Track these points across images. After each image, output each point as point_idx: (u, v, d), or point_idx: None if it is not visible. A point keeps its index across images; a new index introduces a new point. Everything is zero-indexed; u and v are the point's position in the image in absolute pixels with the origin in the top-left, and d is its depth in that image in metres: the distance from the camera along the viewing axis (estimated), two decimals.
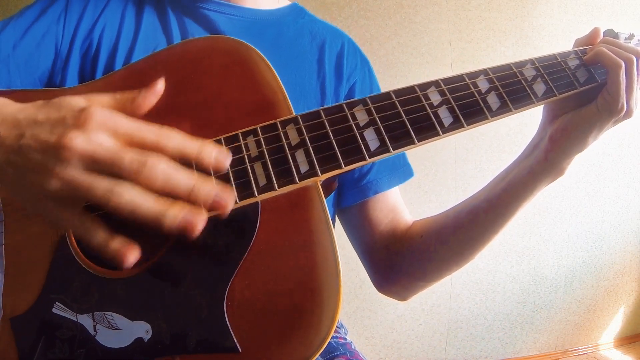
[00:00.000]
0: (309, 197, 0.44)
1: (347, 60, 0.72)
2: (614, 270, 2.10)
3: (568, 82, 0.53)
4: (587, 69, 0.54)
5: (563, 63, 0.54)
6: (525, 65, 0.52)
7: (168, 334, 0.43)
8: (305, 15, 0.75)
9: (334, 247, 0.43)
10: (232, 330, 0.42)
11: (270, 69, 0.49)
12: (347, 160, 0.44)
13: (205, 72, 0.50)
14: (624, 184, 2.04)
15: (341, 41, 0.74)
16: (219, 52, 0.51)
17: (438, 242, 0.65)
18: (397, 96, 0.47)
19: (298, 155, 0.44)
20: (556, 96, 0.51)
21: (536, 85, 0.51)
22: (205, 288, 0.43)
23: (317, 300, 0.42)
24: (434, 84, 0.48)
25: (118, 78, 0.52)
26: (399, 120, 0.46)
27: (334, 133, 0.45)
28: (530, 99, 0.50)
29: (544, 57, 0.54)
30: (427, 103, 0.47)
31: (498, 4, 1.87)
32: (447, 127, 0.47)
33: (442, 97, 0.48)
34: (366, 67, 0.76)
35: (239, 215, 0.43)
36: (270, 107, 0.48)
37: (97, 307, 0.44)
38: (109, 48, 0.60)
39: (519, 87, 0.50)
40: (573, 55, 0.55)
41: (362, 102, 0.47)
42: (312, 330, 0.41)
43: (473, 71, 0.50)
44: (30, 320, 0.45)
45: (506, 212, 0.59)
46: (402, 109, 0.47)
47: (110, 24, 0.62)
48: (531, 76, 0.51)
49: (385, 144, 0.45)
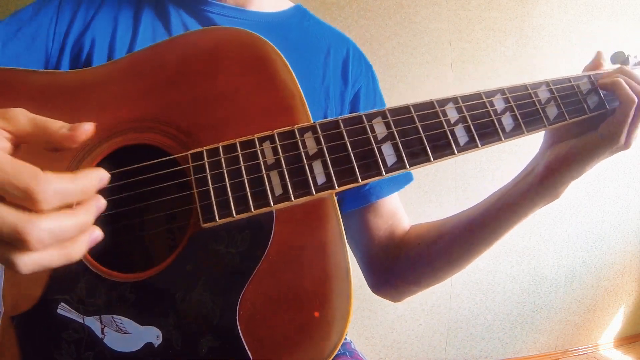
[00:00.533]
0: (324, 207, 0.44)
1: (353, 66, 0.72)
2: (614, 270, 2.10)
3: (579, 107, 0.53)
4: (599, 95, 0.54)
5: (576, 87, 0.53)
6: (540, 87, 0.52)
7: (179, 340, 0.42)
8: (310, 17, 0.75)
9: (346, 258, 0.43)
10: (244, 338, 0.42)
11: (288, 68, 0.48)
12: (364, 175, 0.44)
13: (221, 65, 0.48)
14: (624, 184, 2.04)
15: (346, 47, 0.74)
16: (236, 45, 0.49)
17: (434, 250, 0.66)
18: (416, 110, 0.47)
19: (315, 166, 0.44)
20: (566, 121, 0.51)
21: (549, 108, 0.51)
22: (218, 295, 0.43)
23: (328, 311, 0.42)
24: (452, 100, 0.48)
25: (126, 64, 0.51)
26: (416, 137, 0.46)
27: (352, 145, 0.45)
28: (542, 123, 0.50)
29: (559, 79, 0.53)
30: (444, 119, 0.47)
31: (498, 4, 1.86)
32: (462, 146, 0.47)
33: (459, 114, 0.48)
34: (370, 72, 0.76)
35: (253, 224, 0.43)
36: (287, 110, 0.47)
37: (105, 310, 0.43)
38: (103, 51, 0.60)
39: (533, 109, 0.50)
40: (586, 79, 0.55)
41: (381, 115, 0.46)
42: (323, 339, 0.42)
43: (490, 90, 0.50)
44: (33, 320, 0.44)
45: (500, 229, 0.60)
46: (420, 124, 0.46)
47: (103, 27, 0.61)
48: (545, 98, 0.51)
49: (402, 160, 0.45)
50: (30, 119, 0.34)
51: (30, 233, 0.29)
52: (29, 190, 0.29)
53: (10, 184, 0.29)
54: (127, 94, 0.48)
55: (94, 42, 0.60)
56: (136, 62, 0.50)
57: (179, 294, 0.43)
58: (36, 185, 0.29)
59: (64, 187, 0.31)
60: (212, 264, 0.43)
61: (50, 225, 0.30)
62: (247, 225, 0.43)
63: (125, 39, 0.61)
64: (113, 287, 0.43)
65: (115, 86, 0.49)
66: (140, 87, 0.49)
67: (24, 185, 0.29)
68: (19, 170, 0.29)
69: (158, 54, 0.50)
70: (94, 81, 0.50)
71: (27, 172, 0.29)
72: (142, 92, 0.48)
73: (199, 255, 0.43)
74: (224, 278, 0.43)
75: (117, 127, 0.47)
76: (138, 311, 0.43)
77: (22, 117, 0.34)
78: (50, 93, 0.49)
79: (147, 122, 0.47)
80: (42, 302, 0.44)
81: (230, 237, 0.43)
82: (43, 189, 0.29)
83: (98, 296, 0.44)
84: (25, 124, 0.34)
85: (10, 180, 0.29)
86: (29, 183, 0.29)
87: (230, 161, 0.44)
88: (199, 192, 0.43)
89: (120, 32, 0.61)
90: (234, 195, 0.42)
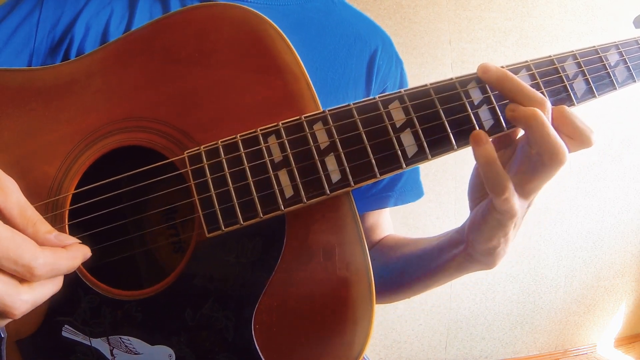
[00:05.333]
0: (339, 206, 0.40)
1: (381, 62, 0.65)
2: (614, 270, 2.10)
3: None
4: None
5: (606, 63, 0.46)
6: (567, 60, 0.44)
7: (193, 359, 0.40)
8: (337, 1, 0.67)
9: (367, 260, 0.39)
10: (262, 353, 0.39)
11: (290, 48, 0.42)
12: (383, 170, 0.39)
13: (212, 50, 0.43)
14: (624, 184, 2.04)
15: (377, 39, 0.66)
16: (227, 24, 0.43)
17: (379, 265, 0.62)
18: (437, 93, 0.41)
19: (328, 163, 0.39)
20: (595, 97, 0.45)
21: (577, 83, 0.44)
22: (231, 310, 0.39)
23: (349, 320, 0.39)
24: (474, 79, 0.42)
25: (109, 54, 0.46)
26: (438, 123, 0.40)
27: (368, 136, 0.39)
28: (570, 101, 0.44)
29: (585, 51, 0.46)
30: (467, 101, 0.41)
31: (498, 4, 1.87)
32: (487, 129, 0.41)
33: (483, 94, 0.41)
34: (399, 68, 0.70)
35: (263, 230, 0.39)
36: (291, 97, 0.41)
37: (112, 330, 0.40)
38: (96, 41, 0.55)
39: (560, 85, 0.43)
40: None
41: (398, 99, 0.40)
42: (346, 348, 0.39)
43: (515, 64, 0.43)
44: (38, 344, 0.41)
45: (442, 279, 0.55)
46: (441, 107, 0.40)
47: (96, 14, 0.56)
48: (572, 73, 0.44)
49: (424, 151, 0.39)
50: (21, 207, 0.34)
51: (14, 306, 0.31)
52: (30, 267, 0.31)
53: (10, 259, 0.31)
54: (112, 90, 0.44)
55: (87, 31, 0.55)
56: (119, 51, 0.45)
57: (189, 310, 0.40)
58: (36, 262, 0.31)
59: (57, 263, 0.33)
60: (222, 276, 0.40)
61: (34, 296, 0.33)
62: (257, 231, 0.39)
63: (121, 26, 0.56)
64: (118, 305, 0.41)
65: (98, 81, 0.44)
66: (125, 81, 0.44)
67: (26, 262, 0.31)
68: (20, 248, 0.31)
69: (141, 42, 0.45)
70: (75, 77, 0.45)
71: (28, 251, 0.31)
72: (128, 86, 0.44)
73: (206, 267, 0.40)
74: (235, 291, 0.39)
75: (103, 128, 0.43)
76: (147, 330, 0.40)
77: (14, 198, 0.34)
78: (29, 93, 0.45)
79: (136, 121, 0.43)
80: (44, 325, 0.41)
81: (240, 246, 0.40)
82: (41, 265, 0.32)
83: (103, 316, 0.41)
84: (13, 208, 0.34)
85: (11, 256, 0.31)
86: (30, 261, 0.31)
87: (232, 162, 0.39)
88: (201, 199, 0.39)
89: (114, 20, 0.56)
90: (240, 201, 0.38)
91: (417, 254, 0.58)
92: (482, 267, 0.47)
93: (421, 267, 0.56)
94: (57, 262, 0.33)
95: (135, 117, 0.43)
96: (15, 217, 0.34)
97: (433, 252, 0.54)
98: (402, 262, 0.61)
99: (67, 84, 0.45)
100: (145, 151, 0.43)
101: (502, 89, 0.40)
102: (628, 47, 0.46)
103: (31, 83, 0.46)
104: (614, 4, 1.95)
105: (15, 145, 0.44)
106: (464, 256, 0.48)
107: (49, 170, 0.43)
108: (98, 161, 0.43)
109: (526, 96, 0.39)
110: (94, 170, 0.43)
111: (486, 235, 0.43)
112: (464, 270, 0.51)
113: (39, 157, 0.44)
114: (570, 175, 1.96)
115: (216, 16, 0.43)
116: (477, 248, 0.45)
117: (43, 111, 0.45)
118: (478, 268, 0.48)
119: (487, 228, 0.42)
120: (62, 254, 0.34)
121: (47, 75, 0.46)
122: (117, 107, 0.44)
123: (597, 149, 1.98)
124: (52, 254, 0.33)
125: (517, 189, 0.39)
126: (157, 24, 0.45)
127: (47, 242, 0.34)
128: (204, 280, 0.40)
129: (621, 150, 2.01)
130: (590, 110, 2.15)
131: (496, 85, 0.40)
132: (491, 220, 0.41)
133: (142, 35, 0.45)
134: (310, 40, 0.61)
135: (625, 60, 0.46)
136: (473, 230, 0.44)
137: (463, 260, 0.48)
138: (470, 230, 0.45)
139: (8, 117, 0.45)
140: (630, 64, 0.46)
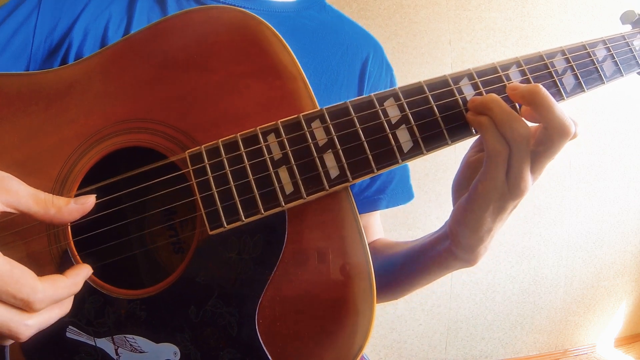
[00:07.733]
0: (339, 201, 0.41)
1: (372, 70, 0.67)
2: (614, 270, 2.10)
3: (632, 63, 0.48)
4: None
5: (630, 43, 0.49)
6: (556, 56, 0.46)
7: (198, 356, 0.40)
8: (330, 11, 0.70)
9: (367, 255, 0.40)
10: (266, 348, 0.40)
11: (287, 50, 0.43)
12: (380, 166, 0.41)
13: (211, 52, 0.44)
14: (624, 184, 2.04)
15: (369, 48, 0.69)
16: (225, 27, 0.44)
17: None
18: (430, 89, 0.42)
19: (327, 159, 0.40)
20: (584, 92, 0.46)
21: (566, 78, 0.46)
22: (234, 306, 0.40)
23: (351, 312, 0.40)
24: (467, 76, 0.43)
25: (108, 57, 0.47)
26: (432, 119, 0.42)
27: (364, 133, 0.41)
28: (560, 96, 0.45)
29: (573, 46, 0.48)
30: (460, 97, 0.42)
31: (498, 4, 1.87)
32: None
33: (475, 90, 0.43)
34: (389, 75, 0.72)
35: (264, 227, 0.40)
36: (289, 96, 0.42)
37: (116, 330, 0.41)
38: (95, 45, 0.55)
39: (549, 81, 0.45)
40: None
41: (393, 96, 0.42)
42: (348, 341, 0.40)
43: (506, 60, 0.45)
44: (42, 345, 0.41)
45: (428, 278, 0.55)
46: (435, 104, 0.42)
47: (94, 19, 0.56)
48: (562, 68, 0.46)
49: (419, 147, 0.41)
50: (33, 196, 0.36)
51: (19, 332, 0.33)
52: (28, 302, 0.32)
53: (9, 294, 0.31)
54: (113, 92, 0.45)
55: (86, 36, 0.55)
56: (119, 55, 0.46)
57: (193, 307, 0.41)
58: (34, 297, 0.32)
59: (57, 293, 0.34)
60: (225, 273, 0.40)
61: (38, 322, 0.34)
62: (258, 228, 0.40)
63: (119, 30, 0.56)
64: (122, 305, 0.41)
65: (98, 84, 0.45)
66: (126, 83, 0.45)
67: (24, 297, 0.32)
68: (19, 282, 0.32)
69: (140, 45, 0.45)
70: (75, 80, 0.46)
71: (26, 285, 0.32)
72: (128, 88, 0.45)
73: (209, 264, 0.41)
74: (238, 287, 0.40)
75: (104, 130, 0.44)
76: (151, 328, 0.41)
77: (23, 192, 0.36)
78: (29, 97, 0.46)
79: (137, 122, 0.44)
80: (48, 327, 0.42)
81: (241, 243, 0.40)
82: (40, 299, 0.32)
83: (107, 316, 0.41)
84: (27, 201, 0.36)
85: (9, 291, 0.31)
86: (28, 295, 0.32)
87: (233, 160, 0.40)
88: (202, 197, 0.40)
89: (113, 24, 0.56)
90: (241, 199, 0.39)
91: (403, 253, 0.59)
92: (463, 264, 0.48)
93: (406, 265, 0.57)
94: (56, 292, 0.34)
95: (136, 119, 0.44)
96: (32, 207, 0.35)
97: (418, 250, 0.55)
98: (387, 262, 0.62)
99: (67, 87, 0.46)
100: (146, 152, 0.43)
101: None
102: (615, 42, 0.48)
103: (31, 87, 0.46)
104: (614, 4, 1.95)
105: (16, 149, 0.45)
106: (447, 253, 0.49)
107: (51, 172, 0.44)
108: (100, 163, 0.44)
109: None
110: (96, 172, 0.44)
111: (472, 226, 0.43)
112: (445, 269, 0.52)
113: (41, 160, 0.44)
114: (570, 175, 1.96)
115: (214, 18, 0.44)
116: (462, 242, 0.45)
117: (43, 114, 0.45)
118: (460, 266, 0.49)
119: (473, 218, 0.43)
120: (62, 282, 0.35)
121: (46, 79, 0.47)
122: (118, 109, 0.44)
123: (597, 148, 1.98)
124: (51, 285, 0.34)
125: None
126: (155, 27, 0.46)
127: (72, 213, 0.36)
128: (207, 278, 0.41)
129: (621, 150, 2.01)
130: (591, 111, 2.15)
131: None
132: (478, 208, 0.42)
133: (141, 38, 0.46)
134: (305, 46, 0.63)
135: (613, 55, 0.48)
136: (458, 223, 0.45)
137: (446, 257, 0.49)
138: (454, 222, 0.46)
139: (8, 121, 0.45)
140: (617, 58, 0.48)
